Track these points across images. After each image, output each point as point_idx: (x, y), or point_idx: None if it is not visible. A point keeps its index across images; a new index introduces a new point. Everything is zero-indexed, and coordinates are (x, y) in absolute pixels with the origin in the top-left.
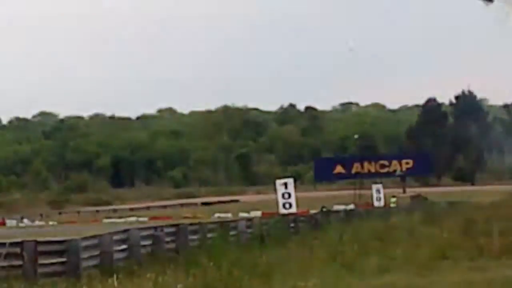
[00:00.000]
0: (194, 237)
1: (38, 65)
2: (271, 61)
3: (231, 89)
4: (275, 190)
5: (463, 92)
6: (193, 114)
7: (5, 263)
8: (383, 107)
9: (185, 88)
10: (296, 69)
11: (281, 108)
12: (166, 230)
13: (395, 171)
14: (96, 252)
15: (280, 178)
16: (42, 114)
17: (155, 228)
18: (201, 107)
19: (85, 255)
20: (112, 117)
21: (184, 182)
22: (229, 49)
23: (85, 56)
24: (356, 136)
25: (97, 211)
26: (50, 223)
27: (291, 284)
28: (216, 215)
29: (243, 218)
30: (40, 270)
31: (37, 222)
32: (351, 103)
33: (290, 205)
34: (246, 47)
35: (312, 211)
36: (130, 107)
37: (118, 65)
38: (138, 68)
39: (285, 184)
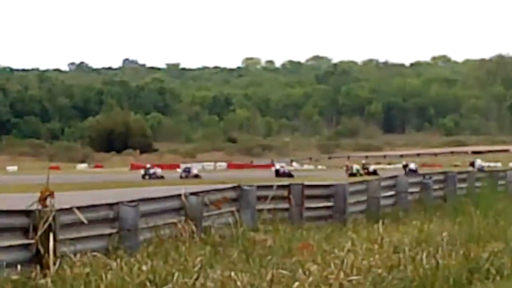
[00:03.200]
0: (462, 185)
1: (314, 10)
2: None
3: (506, 38)
4: None
5: None
6: (467, 62)
7: (271, 206)
8: None
9: (460, 36)
10: None
11: None
12: (434, 177)
13: None
14: (363, 198)
15: None
16: (316, 58)
17: (424, 175)
18: (476, 55)
19: (351, 200)
20: (385, 63)
21: (455, 130)
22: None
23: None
24: None
25: (367, 156)
26: (319, 167)
27: None
28: (486, 164)
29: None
30: (306, 213)
31: (306, 166)
32: None
33: None
34: None
35: None
36: (404, 54)
37: (390, 11)
38: (413, 14)
39: None
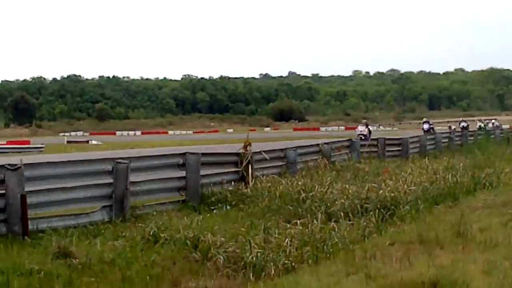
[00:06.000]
0: (471, 138)
1: None
2: None
3: None
4: None
5: None
6: None
7: (368, 149)
8: None
9: None
10: None
11: None
12: (456, 133)
13: None
14: (417, 145)
15: None
16: None
17: (450, 132)
18: None
19: (411, 146)
20: None
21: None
22: None
23: None
24: None
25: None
26: (395, 129)
27: None
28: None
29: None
30: (387, 153)
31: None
32: None
33: None
34: None
35: None
36: None
37: None
38: None
39: None
